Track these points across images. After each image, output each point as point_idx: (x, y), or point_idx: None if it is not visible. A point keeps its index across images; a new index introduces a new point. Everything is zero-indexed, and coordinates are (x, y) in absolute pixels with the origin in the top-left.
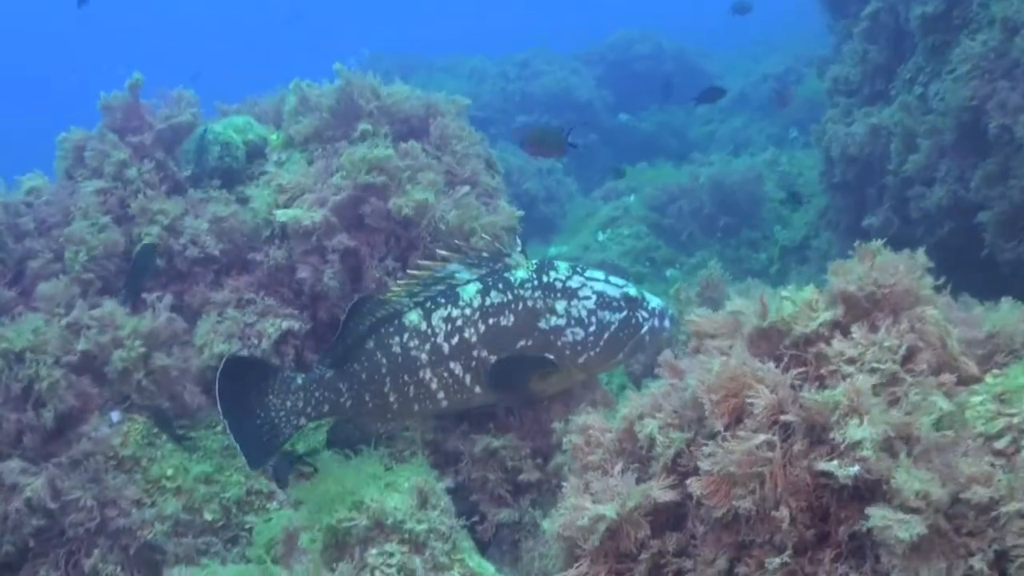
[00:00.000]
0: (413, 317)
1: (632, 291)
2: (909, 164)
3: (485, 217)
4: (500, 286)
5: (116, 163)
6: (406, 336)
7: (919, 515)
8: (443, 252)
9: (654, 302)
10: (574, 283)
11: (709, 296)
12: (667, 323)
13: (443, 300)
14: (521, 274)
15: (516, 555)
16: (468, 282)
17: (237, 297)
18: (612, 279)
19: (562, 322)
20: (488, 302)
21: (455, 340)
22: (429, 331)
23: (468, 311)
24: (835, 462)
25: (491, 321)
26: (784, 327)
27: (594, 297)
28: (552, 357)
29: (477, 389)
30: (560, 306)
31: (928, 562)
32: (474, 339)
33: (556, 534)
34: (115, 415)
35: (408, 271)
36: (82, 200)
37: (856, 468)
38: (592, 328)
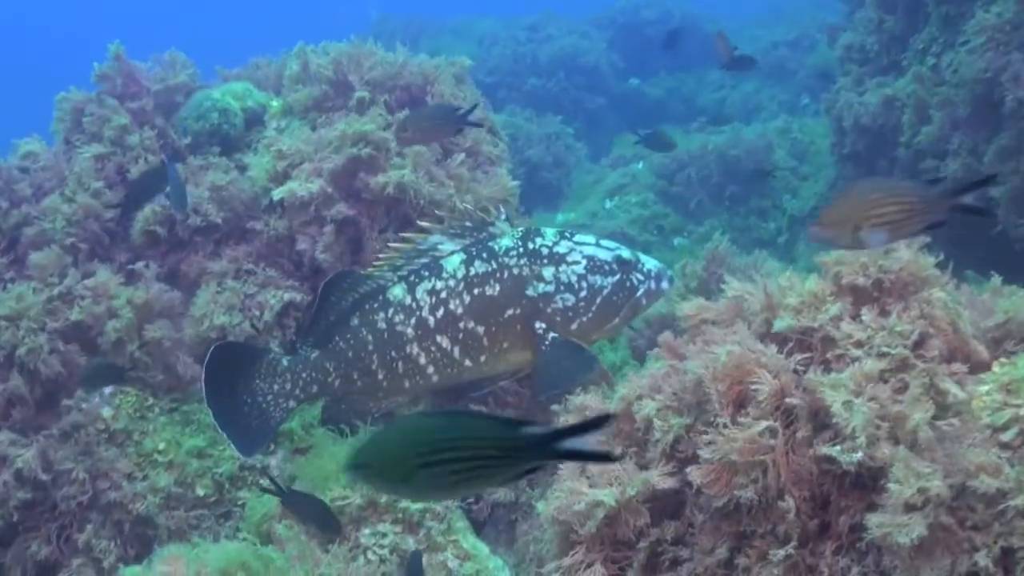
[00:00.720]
0: (397, 291)
1: (625, 254)
2: (921, 136)
3: (474, 190)
4: (484, 255)
5: (117, 128)
6: (391, 311)
7: (919, 513)
8: (424, 223)
9: (649, 264)
10: (562, 248)
11: (714, 271)
12: (664, 284)
13: (427, 273)
14: (506, 242)
15: (512, 536)
16: (452, 253)
17: (235, 267)
18: (603, 242)
19: (550, 288)
20: (472, 272)
21: (440, 313)
22: (414, 305)
23: (452, 282)
24: (838, 447)
25: (476, 291)
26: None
27: (584, 261)
28: (544, 325)
29: (467, 362)
30: (548, 272)
31: (931, 559)
32: (460, 311)
33: (551, 517)
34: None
35: (389, 244)
36: (78, 165)
37: (859, 455)
38: (583, 293)
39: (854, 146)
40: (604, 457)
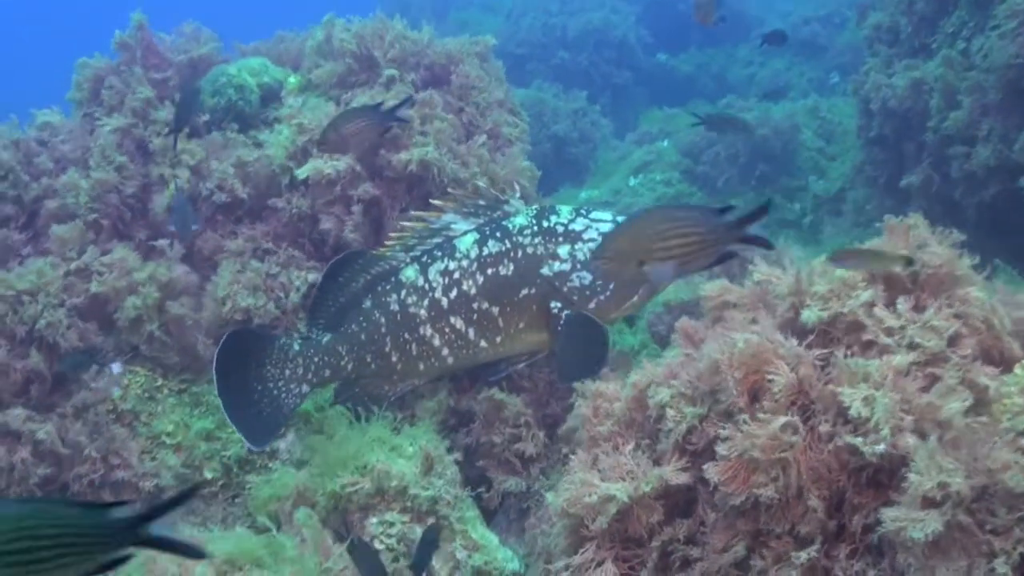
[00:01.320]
0: (410, 273)
1: None
2: (949, 121)
3: (493, 172)
4: (498, 235)
5: (141, 100)
6: (403, 293)
7: (937, 510)
8: (437, 202)
9: None
10: (577, 226)
11: (739, 254)
12: None
13: (439, 253)
14: (520, 220)
15: (523, 525)
16: (465, 233)
17: (253, 246)
18: (621, 219)
19: (566, 267)
20: (486, 252)
21: (454, 293)
22: (427, 286)
23: (465, 263)
24: (860, 438)
25: (490, 271)
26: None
27: (600, 239)
28: (560, 304)
29: (482, 343)
30: (563, 250)
31: (948, 559)
32: (473, 291)
33: (561, 510)
34: (115, 366)
35: (401, 223)
36: (101, 139)
37: (882, 447)
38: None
39: (881, 129)
40: (194, 552)
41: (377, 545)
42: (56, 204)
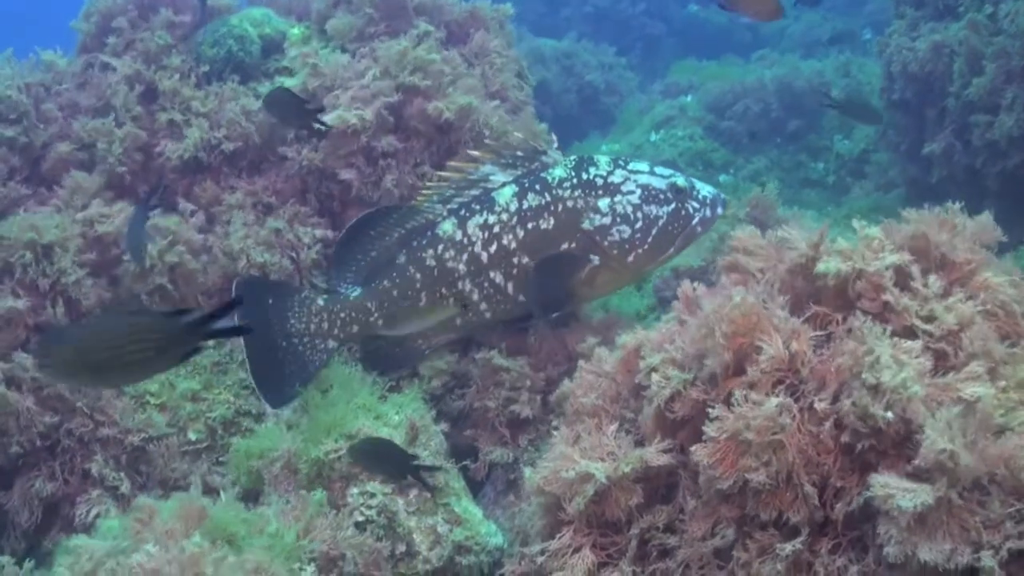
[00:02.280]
0: (447, 227)
1: (680, 181)
2: (972, 88)
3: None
4: (537, 187)
5: (158, 46)
6: (440, 248)
7: (930, 485)
8: (474, 152)
9: (705, 191)
10: (616, 178)
11: (756, 217)
12: (719, 210)
13: (478, 206)
14: (559, 172)
15: (510, 498)
16: (503, 185)
17: (253, 200)
18: (658, 169)
19: (607, 220)
20: (525, 205)
21: (493, 248)
22: (465, 240)
23: (505, 216)
24: (870, 399)
25: (530, 225)
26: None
27: (639, 191)
28: (598, 259)
29: (520, 298)
30: (603, 204)
31: (931, 539)
32: (513, 245)
33: (537, 487)
34: None
35: (438, 173)
36: (121, 88)
37: (891, 414)
38: (639, 224)
39: (903, 93)
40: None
41: (357, 517)
42: (67, 149)
